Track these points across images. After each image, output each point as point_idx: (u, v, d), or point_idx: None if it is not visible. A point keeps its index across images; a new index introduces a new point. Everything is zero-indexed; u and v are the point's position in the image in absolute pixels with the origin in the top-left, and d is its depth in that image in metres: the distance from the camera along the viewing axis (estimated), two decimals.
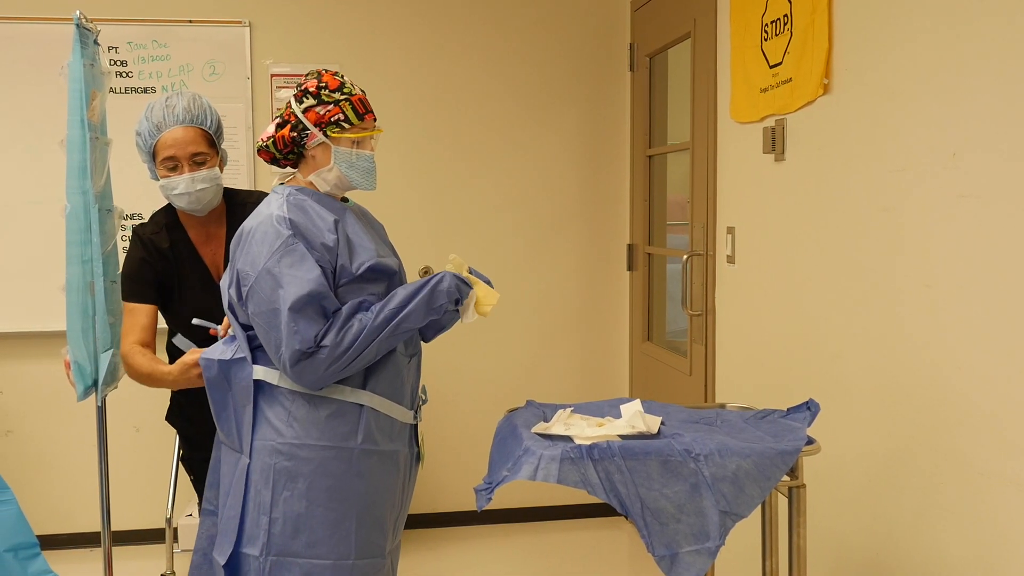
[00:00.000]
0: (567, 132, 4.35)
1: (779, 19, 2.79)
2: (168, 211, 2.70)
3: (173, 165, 2.55)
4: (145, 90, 3.99)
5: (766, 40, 2.88)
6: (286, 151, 2.21)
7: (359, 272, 2.15)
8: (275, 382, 2.15)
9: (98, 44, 2.68)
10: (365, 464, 2.17)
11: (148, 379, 2.51)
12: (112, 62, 3.95)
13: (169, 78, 4.00)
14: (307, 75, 2.25)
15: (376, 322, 2.09)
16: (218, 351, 2.21)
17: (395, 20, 4.18)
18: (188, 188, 2.54)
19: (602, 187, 4.39)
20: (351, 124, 2.20)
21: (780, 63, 2.79)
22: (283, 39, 4.11)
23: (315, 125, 2.17)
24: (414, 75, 4.21)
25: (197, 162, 2.56)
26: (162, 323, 2.67)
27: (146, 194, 3.95)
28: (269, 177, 2.38)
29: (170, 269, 2.63)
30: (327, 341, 2.05)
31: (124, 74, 3.98)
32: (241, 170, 4.03)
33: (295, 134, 2.18)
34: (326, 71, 2.24)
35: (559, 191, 4.36)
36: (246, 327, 2.19)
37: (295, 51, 4.12)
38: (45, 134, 3.87)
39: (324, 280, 2.08)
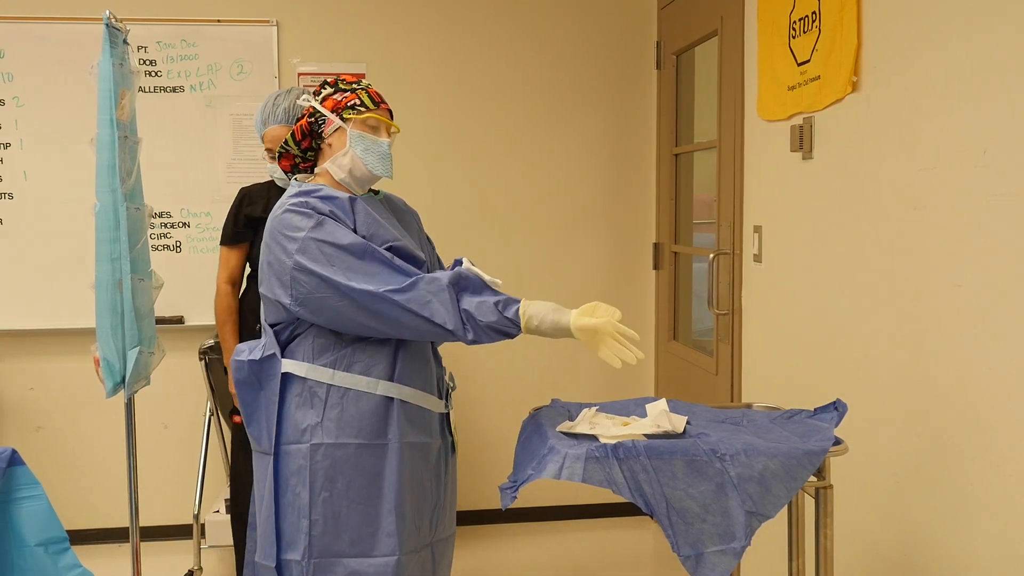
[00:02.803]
0: (593, 130, 4.34)
1: (807, 16, 2.77)
2: (276, 186, 3.11)
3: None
4: (174, 89, 4.02)
5: (794, 37, 2.86)
6: (304, 143, 2.25)
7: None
8: (303, 374, 2.16)
9: (127, 44, 2.71)
10: (400, 458, 2.17)
11: (226, 322, 3.10)
12: (141, 61, 3.99)
13: (197, 77, 4.03)
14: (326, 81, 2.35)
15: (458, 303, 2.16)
16: (246, 352, 2.22)
17: (421, 19, 4.19)
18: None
19: (628, 185, 4.38)
20: (367, 108, 2.24)
21: (808, 60, 2.77)
22: (310, 38, 4.13)
23: (331, 111, 2.23)
24: (440, 73, 4.22)
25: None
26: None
27: (175, 192, 4.01)
28: None
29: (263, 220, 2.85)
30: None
31: (153, 73, 4.01)
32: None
33: (312, 120, 2.23)
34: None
35: (585, 189, 4.35)
36: (273, 324, 2.21)
37: (322, 50, 4.14)
38: (76, 133, 3.92)
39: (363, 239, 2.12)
